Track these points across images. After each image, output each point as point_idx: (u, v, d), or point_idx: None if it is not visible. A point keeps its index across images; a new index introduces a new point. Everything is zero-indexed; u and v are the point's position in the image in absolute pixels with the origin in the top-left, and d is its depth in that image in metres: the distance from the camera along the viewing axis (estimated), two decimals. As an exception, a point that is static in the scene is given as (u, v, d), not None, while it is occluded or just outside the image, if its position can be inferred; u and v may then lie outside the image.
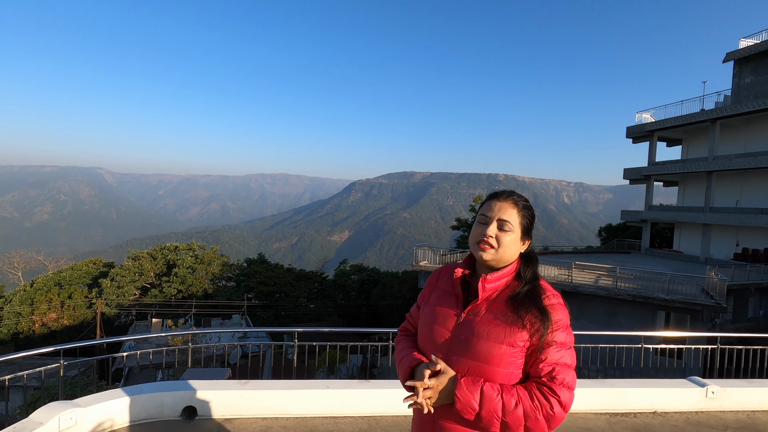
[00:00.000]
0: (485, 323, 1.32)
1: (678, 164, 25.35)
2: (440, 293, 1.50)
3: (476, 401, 1.21)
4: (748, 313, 16.88)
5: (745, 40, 22.71)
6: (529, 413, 1.21)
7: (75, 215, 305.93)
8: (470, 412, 1.22)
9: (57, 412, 3.08)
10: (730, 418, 4.13)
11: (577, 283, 14.93)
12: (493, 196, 1.43)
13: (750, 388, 4.35)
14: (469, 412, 1.22)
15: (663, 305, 13.45)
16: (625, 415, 4.08)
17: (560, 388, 1.24)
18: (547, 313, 1.29)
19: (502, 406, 1.21)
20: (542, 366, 1.26)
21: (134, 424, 3.48)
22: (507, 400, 1.21)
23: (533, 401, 1.22)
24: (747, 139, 22.81)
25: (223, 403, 3.68)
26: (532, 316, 1.29)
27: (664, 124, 25.19)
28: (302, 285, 37.16)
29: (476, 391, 1.22)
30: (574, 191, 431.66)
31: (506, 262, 1.39)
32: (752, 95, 21.90)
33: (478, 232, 1.38)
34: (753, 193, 22.44)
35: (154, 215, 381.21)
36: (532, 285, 1.37)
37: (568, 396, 1.24)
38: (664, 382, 4.40)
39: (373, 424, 3.67)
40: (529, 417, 1.21)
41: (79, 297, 34.51)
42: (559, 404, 1.22)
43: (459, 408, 1.23)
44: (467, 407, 1.22)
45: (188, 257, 37.20)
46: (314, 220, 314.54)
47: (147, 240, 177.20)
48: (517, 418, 1.21)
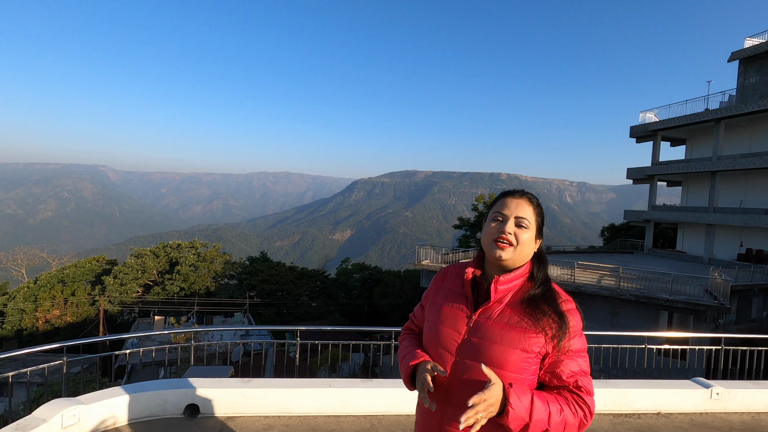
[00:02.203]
0: (499, 327, 1.29)
1: (682, 164, 25.23)
2: (447, 294, 1.45)
3: (527, 411, 1.14)
4: (752, 314, 16.80)
5: (750, 39, 22.56)
6: (568, 422, 1.19)
7: (78, 213, 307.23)
8: (520, 422, 1.14)
9: (60, 409, 3.08)
10: (735, 419, 4.10)
11: (579, 282, 14.88)
12: (507, 194, 1.39)
13: (755, 390, 4.32)
14: (519, 422, 1.14)
15: (666, 306, 13.40)
16: (628, 415, 4.06)
17: (587, 396, 1.23)
18: (565, 319, 1.27)
19: (549, 416, 1.16)
20: (567, 378, 1.24)
21: (137, 421, 3.48)
22: (553, 409, 1.17)
23: (571, 409, 1.20)
24: (752, 139, 22.68)
25: (225, 401, 3.67)
26: (550, 320, 1.26)
27: (668, 123, 25.06)
28: (304, 283, 37.22)
29: (527, 400, 1.15)
30: (576, 191, 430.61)
31: (522, 262, 1.36)
32: (757, 95, 21.77)
33: (495, 229, 1.33)
34: (757, 193, 22.32)
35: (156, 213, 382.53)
36: (545, 287, 1.34)
37: (593, 403, 1.24)
38: (668, 383, 4.37)
39: (376, 423, 3.66)
40: (568, 425, 1.19)
41: (83, 294, 34.66)
42: (589, 412, 1.22)
43: (510, 418, 1.13)
44: (518, 418, 1.13)
45: (191, 255, 37.30)
46: (316, 218, 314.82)
47: (150, 238, 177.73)
48: (558, 427, 1.18)
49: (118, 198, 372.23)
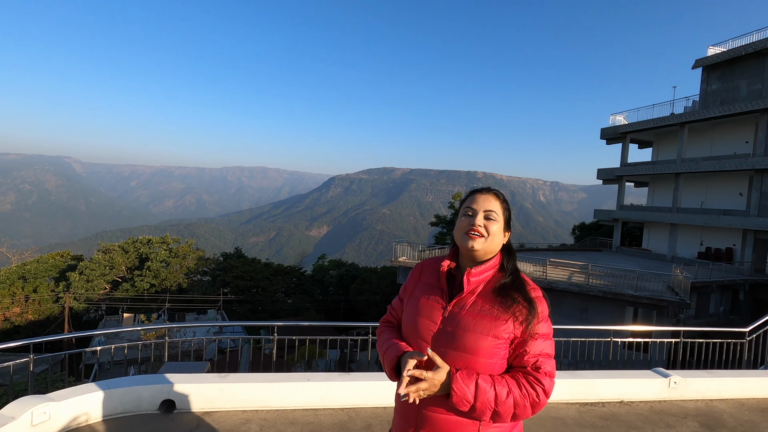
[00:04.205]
0: (471, 316, 1.37)
1: (648, 166, 26.28)
2: (424, 286, 1.53)
3: (471, 394, 1.26)
4: (710, 309, 17.75)
5: (713, 48, 23.60)
6: (518, 402, 1.28)
7: (41, 205, 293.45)
8: (466, 404, 1.27)
9: (30, 406, 3.00)
10: (690, 406, 4.38)
11: (551, 279, 15.34)
12: (476, 191, 1.49)
13: (709, 379, 4.61)
14: (465, 404, 1.27)
15: (632, 301, 13.98)
16: (594, 404, 4.27)
17: (544, 377, 1.32)
18: (534, 305, 1.36)
19: (494, 397, 1.27)
20: (527, 358, 1.34)
21: (110, 417, 3.43)
22: (499, 391, 1.27)
23: (521, 390, 1.29)
24: (713, 143, 23.82)
25: (202, 396, 3.65)
26: (520, 306, 1.36)
27: (636, 126, 26.03)
28: (280, 280, 36.83)
29: (471, 384, 1.26)
30: (550, 190, 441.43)
31: (492, 252, 1.45)
32: (719, 101, 22.84)
33: (466, 223, 1.43)
34: (717, 194, 23.50)
35: (125, 207, 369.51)
36: (515, 276, 1.43)
37: (550, 383, 1.33)
38: (630, 373, 4.61)
39: (353, 416, 3.72)
40: (518, 405, 1.28)
41: (45, 291, 33.22)
42: (543, 392, 1.31)
43: (455, 401, 1.27)
44: (463, 400, 1.26)
45: (162, 251, 36.28)
46: (293, 214, 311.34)
47: (118, 233, 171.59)
48: (508, 407, 1.28)
49: (84, 191, 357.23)
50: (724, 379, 4.65)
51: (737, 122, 22.05)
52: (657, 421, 3.97)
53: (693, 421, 4.02)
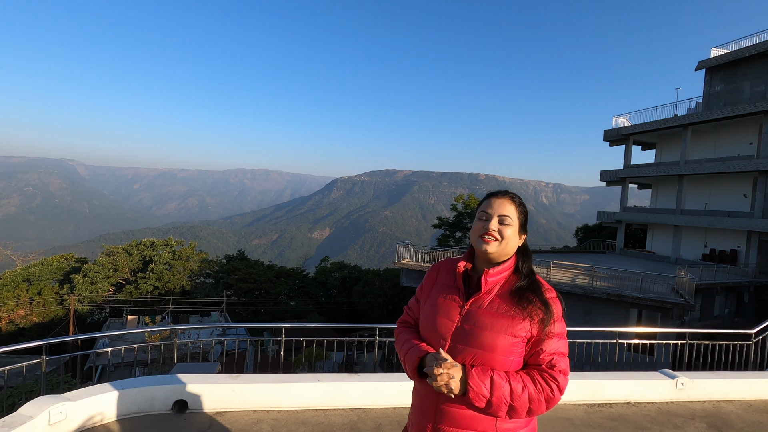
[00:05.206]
0: (489, 315, 1.43)
1: (651, 167, 26.24)
2: (441, 287, 1.58)
3: (487, 389, 1.32)
4: (715, 311, 17.68)
5: (716, 50, 23.59)
6: (533, 397, 1.34)
7: (45, 208, 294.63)
8: (482, 399, 1.32)
9: (47, 405, 3.06)
10: (698, 407, 4.39)
11: (554, 281, 15.35)
12: (491, 195, 1.54)
13: (716, 380, 4.63)
14: (481, 399, 1.32)
15: (636, 303, 13.97)
16: (601, 405, 4.30)
17: (559, 374, 1.38)
18: (549, 306, 1.42)
19: (510, 392, 1.33)
20: (543, 356, 1.40)
21: (124, 417, 3.48)
22: (514, 386, 1.33)
23: (536, 386, 1.35)
24: (716, 144, 23.79)
25: (214, 396, 3.70)
26: (536, 308, 1.41)
27: (640, 128, 26.00)
28: (282, 282, 36.86)
29: (487, 380, 1.33)
30: (552, 192, 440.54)
31: (507, 255, 1.51)
32: (722, 102, 22.82)
33: (481, 227, 1.49)
34: (721, 196, 23.44)
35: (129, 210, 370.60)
36: (530, 279, 1.48)
37: (565, 380, 1.39)
38: (637, 375, 4.63)
39: (363, 416, 3.76)
40: (533, 400, 1.34)
41: (50, 293, 33.35)
42: (558, 388, 1.36)
43: (472, 396, 1.32)
44: (479, 395, 1.32)
45: (165, 253, 36.38)
46: (295, 216, 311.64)
47: (121, 235, 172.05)
48: (523, 402, 1.34)
49: (88, 194, 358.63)
50: (732, 381, 4.66)
51: (741, 124, 22.01)
52: (664, 422, 3.99)
53: (700, 422, 4.04)
